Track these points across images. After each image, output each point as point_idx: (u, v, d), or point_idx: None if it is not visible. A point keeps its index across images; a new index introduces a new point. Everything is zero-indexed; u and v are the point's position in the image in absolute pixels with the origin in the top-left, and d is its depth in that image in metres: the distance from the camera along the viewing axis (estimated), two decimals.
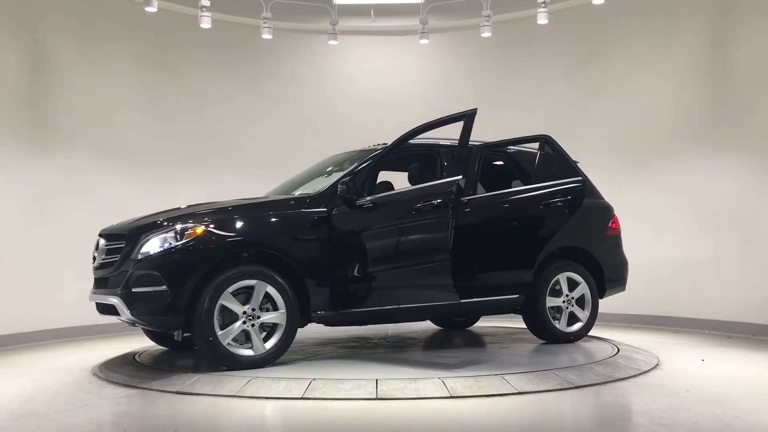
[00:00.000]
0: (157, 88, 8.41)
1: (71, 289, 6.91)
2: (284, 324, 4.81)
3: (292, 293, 4.84)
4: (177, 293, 4.56)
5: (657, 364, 5.15)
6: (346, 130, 8.60)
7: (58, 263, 7.23)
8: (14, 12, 7.21)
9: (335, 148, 6.23)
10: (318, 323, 5.12)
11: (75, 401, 4.16)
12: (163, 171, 8.28)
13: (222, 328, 4.65)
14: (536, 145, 6.01)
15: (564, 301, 5.91)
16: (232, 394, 4.17)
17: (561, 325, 5.87)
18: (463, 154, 5.05)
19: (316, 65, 9.18)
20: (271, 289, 4.76)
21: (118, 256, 4.85)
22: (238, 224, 4.88)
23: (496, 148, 6.06)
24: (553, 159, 5.94)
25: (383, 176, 6.44)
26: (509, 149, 6.14)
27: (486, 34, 8.41)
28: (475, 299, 5.49)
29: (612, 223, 6.32)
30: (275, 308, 4.82)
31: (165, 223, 4.79)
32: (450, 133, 5.96)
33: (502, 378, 4.37)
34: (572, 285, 5.96)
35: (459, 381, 4.28)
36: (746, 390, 4.32)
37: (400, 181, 5.73)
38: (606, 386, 4.40)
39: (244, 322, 4.70)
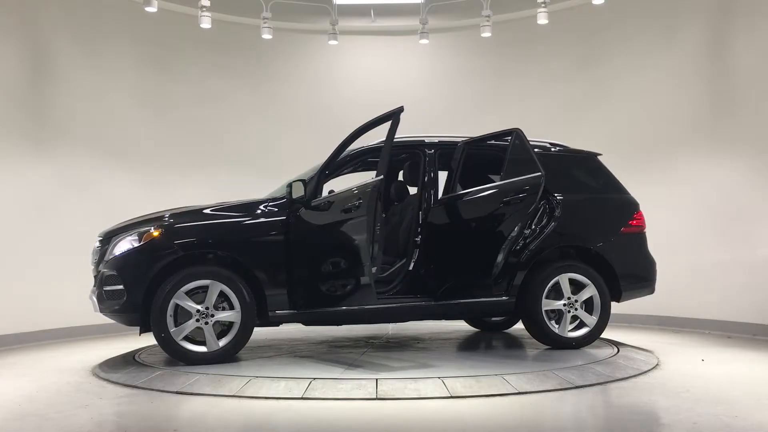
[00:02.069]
0: (157, 88, 8.41)
1: (71, 289, 6.91)
2: (238, 323, 4.97)
3: (249, 293, 4.98)
4: (132, 292, 4.90)
5: (657, 364, 5.15)
6: (347, 129, 8.53)
7: (58, 263, 7.23)
8: (14, 12, 7.21)
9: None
10: (277, 323, 5.27)
11: (75, 401, 4.16)
12: (162, 171, 8.28)
13: (179, 325, 4.91)
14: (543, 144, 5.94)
15: (565, 304, 5.54)
16: (232, 394, 4.17)
17: (561, 329, 5.52)
18: (387, 154, 4.95)
19: (316, 65, 9.18)
20: (226, 289, 4.95)
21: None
22: (194, 227, 5.11)
23: (479, 144, 5.74)
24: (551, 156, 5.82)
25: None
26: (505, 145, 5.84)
27: (486, 34, 8.42)
28: (452, 301, 5.33)
29: (632, 220, 5.87)
30: (233, 308, 4.99)
31: (132, 227, 5.13)
32: (454, 132, 5.98)
33: (502, 378, 4.37)
34: (578, 287, 5.58)
35: (459, 381, 4.28)
36: (746, 390, 4.32)
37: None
38: (606, 386, 4.40)
39: (198, 320, 4.91)
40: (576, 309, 5.56)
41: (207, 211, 5.26)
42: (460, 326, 7.26)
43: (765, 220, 6.82)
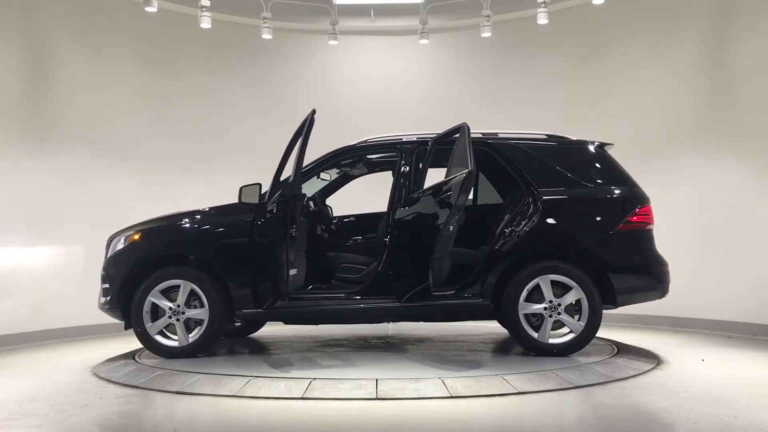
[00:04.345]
0: (158, 88, 8.41)
1: (71, 289, 6.92)
2: (207, 320, 5.27)
3: (217, 293, 5.27)
4: (113, 290, 5.38)
5: (657, 364, 5.15)
6: (346, 130, 8.56)
7: (59, 263, 7.23)
8: (14, 12, 7.20)
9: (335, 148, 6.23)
10: (244, 321, 5.62)
11: (75, 401, 4.16)
12: (163, 171, 8.28)
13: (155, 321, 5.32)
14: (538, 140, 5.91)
15: (546, 308, 5.12)
16: (232, 394, 4.17)
17: (541, 335, 5.10)
18: (301, 157, 5.19)
19: (316, 65, 9.18)
20: (197, 288, 5.27)
21: None
22: (169, 231, 5.55)
23: (445, 140, 5.43)
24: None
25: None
26: (496, 145, 5.54)
27: (486, 34, 8.42)
28: (417, 303, 5.12)
29: (632, 216, 5.30)
30: (203, 306, 5.29)
31: (126, 230, 5.57)
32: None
33: (502, 378, 4.37)
34: (565, 290, 5.13)
35: (459, 381, 4.29)
36: (746, 390, 4.32)
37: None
38: (606, 386, 4.40)
39: (170, 317, 5.28)
40: (559, 313, 5.13)
41: (181, 215, 5.58)
42: (462, 326, 7.27)
43: (765, 219, 6.82)
